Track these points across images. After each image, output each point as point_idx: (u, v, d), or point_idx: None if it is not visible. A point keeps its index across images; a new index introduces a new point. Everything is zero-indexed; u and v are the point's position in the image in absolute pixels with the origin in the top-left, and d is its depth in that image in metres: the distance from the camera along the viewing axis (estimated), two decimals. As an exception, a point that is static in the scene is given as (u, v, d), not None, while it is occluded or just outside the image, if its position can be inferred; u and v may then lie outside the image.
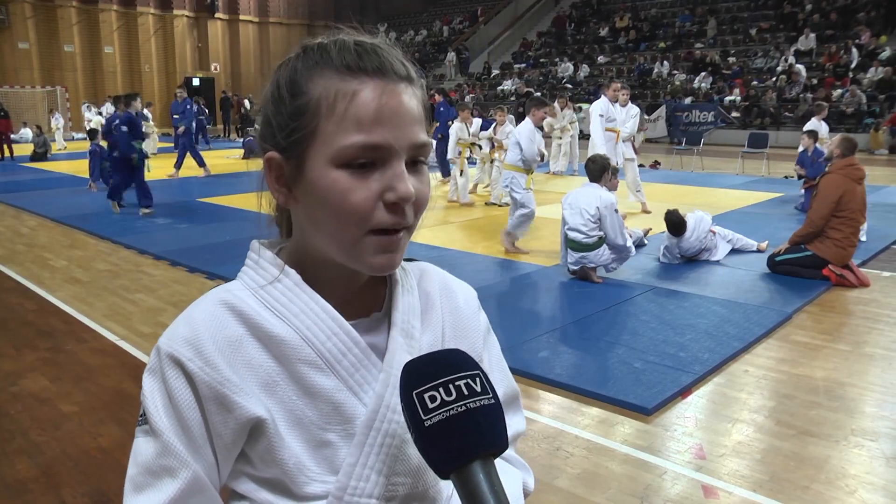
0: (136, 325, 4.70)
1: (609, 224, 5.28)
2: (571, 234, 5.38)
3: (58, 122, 20.02)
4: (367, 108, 0.67)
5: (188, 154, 12.59)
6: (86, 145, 12.92)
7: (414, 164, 0.71)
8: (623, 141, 8.51)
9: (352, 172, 0.68)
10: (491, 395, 0.60)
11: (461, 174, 9.58)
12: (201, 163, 12.60)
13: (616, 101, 8.41)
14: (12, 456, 3.02)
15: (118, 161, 8.98)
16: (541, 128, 6.69)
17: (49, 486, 2.79)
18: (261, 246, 0.79)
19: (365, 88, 0.68)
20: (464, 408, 0.58)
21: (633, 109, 8.80)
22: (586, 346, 4.19)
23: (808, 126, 9.41)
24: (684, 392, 3.57)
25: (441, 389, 0.59)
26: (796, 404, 3.46)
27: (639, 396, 3.46)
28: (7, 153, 16.74)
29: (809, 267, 5.54)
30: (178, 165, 12.57)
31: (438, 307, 0.83)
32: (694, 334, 4.32)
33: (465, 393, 0.59)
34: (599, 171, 5.49)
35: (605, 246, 5.39)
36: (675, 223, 5.99)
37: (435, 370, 0.61)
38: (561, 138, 12.68)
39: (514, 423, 0.89)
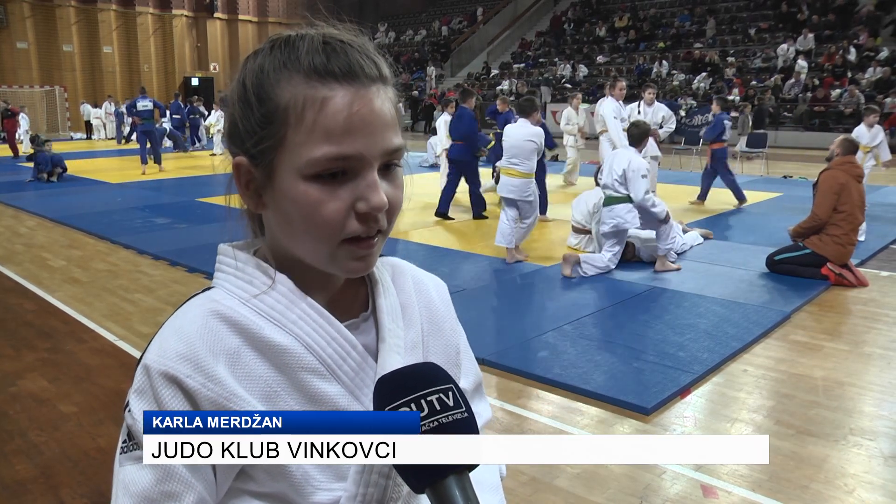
0: (136, 325, 4.69)
1: (632, 186, 5.69)
2: (605, 192, 5.85)
3: (24, 121, 18.40)
4: (336, 117, 0.65)
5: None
6: (81, 146, 12.99)
7: (387, 168, 0.69)
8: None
9: (322, 184, 0.66)
10: (464, 409, 0.60)
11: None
12: (145, 160, 13.31)
13: (622, 100, 8.46)
14: (11, 456, 3.02)
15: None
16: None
17: (48, 487, 2.79)
18: (235, 250, 0.76)
19: (335, 96, 0.65)
20: (436, 423, 0.58)
21: (662, 109, 8.83)
22: (585, 345, 4.19)
23: (854, 133, 7.81)
24: (683, 392, 3.57)
25: (413, 405, 0.58)
26: (795, 404, 3.46)
27: (638, 396, 3.47)
28: (14, 152, 16.77)
29: (808, 265, 5.55)
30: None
31: (415, 303, 0.83)
32: (693, 334, 4.32)
33: (438, 408, 0.59)
34: (641, 135, 5.91)
35: (633, 208, 5.71)
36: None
37: (407, 385, 0.60)
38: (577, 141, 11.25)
39: (480, 411, 0.90)
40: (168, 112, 17.74)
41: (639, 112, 8.66)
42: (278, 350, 0.69)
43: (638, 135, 5.90)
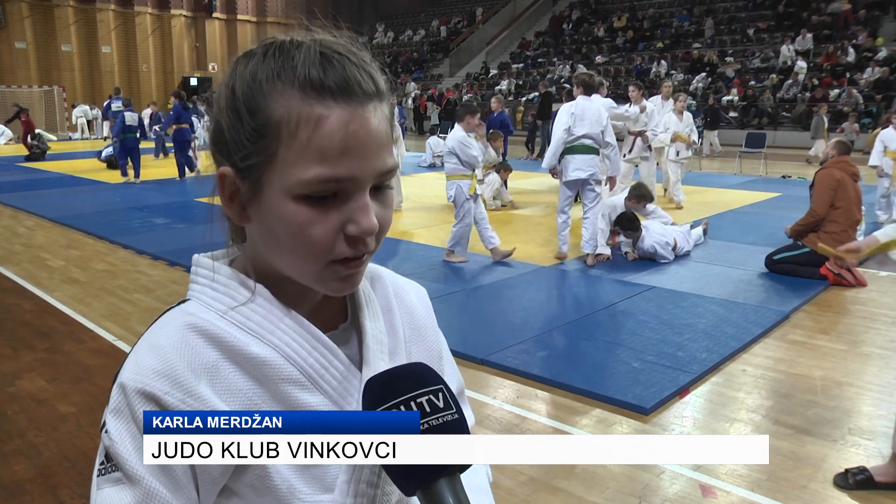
0: (134, 325, 4.69)
1: (610, 133, 6.11)
2: (585, 141, 6.02)
3: None
4: (331, 138, 0.62)
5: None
6: (80, 146, 13.02)
7: (378, 190, 0.67)
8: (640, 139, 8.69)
9: (312, 204, 0.64)
10: (454, 410, 0.59)
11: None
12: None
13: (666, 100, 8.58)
14: (10, 457, 3.02)
15: None
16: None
17: (47, 487, 2.78)
18: (210, 261, 0.74)
19: (330, 115, 0.63)
20: (427, 425, 0.57)
21: (649, 107, 8.87)
22: (584, 345, 4.19)
23: (881, 137, 7.63)
24: (682, 392, 3.58)
25: (402, 407, 0.58)
26: (794, 404, 3.47)
27: (637, 396, 3.47)
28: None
29: (807, 265, 5.57)
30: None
31: (396, 310, 0.82)
32: (692, 334, 4.33)
33: (428, 410, 0.58)
34: (598, 84, 6.53)
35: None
36: (630, 219, 6.30)
37: (397, 386, 0.59)
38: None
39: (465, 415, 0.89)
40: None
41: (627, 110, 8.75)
42: (258, 362, 0.68)
43: (596, 84, 6.30)
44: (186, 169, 12.33)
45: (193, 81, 28.17)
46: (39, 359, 4.14)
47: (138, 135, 12.26)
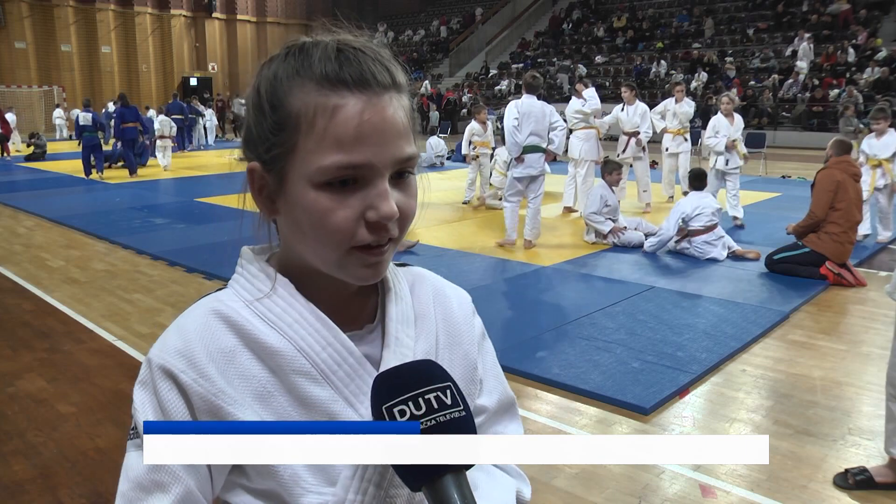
0: (134, 325, 4.69)
1: (555, 119, 6.66)
2: (533, 139, 6.51)
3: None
4: (347, 126, 0.65)
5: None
6: (69, 146, 13.00)
7: (400, 177, 0.69)
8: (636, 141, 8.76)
9: (332, 191, 0.66)
10: (462, 408, 0.60)
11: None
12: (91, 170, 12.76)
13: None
14: (9, 457, 3.02)
15: None
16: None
17: (46, 487, 2.78)
18: (251, 253, 0.78)
19: (346, 104, 0.65)
20: (433, 422, 0.58)
21: (641, 107, 8.89)
22: (584, 345, 4.19)
23: (865, 144, 7.17)
24: (682, 392, 3.58)
25: (410, 403, 0.59)
26: (794, 404, 3.47)
27: (637, 396, 3.47)
28: (4, 153, 16.82)
29: (807, 264, 5.57)
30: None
31: (432, 314, 0.82)
32: (692, 334, 4.33)
33: (435, 406, 0.59)
34: (539, 86, 6.99)
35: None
36: (698, 175, 6.56)
37: (405, 383, 0.60)
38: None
39: (511, 431, 0.89)
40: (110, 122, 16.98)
41: (622, 110, 8.79)
42: (272, 352, 0.70)
43: (538, 85, 6.70)
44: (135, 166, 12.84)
45: (193, 81, 28.17)
46: (39, 359, 4.14)
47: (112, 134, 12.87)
